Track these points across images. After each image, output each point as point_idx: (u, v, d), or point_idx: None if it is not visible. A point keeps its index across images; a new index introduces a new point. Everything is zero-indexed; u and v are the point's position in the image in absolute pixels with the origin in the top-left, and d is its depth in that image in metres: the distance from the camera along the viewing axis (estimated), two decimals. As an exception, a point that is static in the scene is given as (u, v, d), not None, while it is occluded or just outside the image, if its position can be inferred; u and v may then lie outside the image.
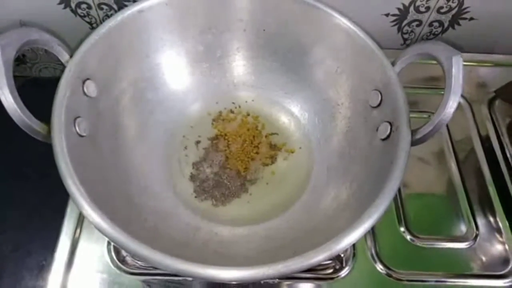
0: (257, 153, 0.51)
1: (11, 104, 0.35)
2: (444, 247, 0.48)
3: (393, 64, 0.44)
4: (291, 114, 0.54)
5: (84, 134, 0.41)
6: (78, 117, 0.41)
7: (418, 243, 0.48)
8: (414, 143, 0.39)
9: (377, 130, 0.44)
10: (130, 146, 0.47)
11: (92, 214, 0.34)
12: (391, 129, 0.41)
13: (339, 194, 0.45)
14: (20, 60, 0.64)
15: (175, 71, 0.52)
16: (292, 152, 0.51)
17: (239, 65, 0.54)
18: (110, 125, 0.46)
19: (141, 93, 0.50)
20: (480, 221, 0.50)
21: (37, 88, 0.39)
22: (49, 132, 0.37)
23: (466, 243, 0.48)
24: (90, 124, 0.42)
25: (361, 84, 0.47)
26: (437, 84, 0.60)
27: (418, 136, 0.39)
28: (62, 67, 0.42)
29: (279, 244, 0.43)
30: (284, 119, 0.54)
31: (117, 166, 0.44)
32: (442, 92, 0.38)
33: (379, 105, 0.45)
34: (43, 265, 0.47)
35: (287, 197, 0.48)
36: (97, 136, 0.43)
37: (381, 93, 0.44)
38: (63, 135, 0.37)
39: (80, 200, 0.34)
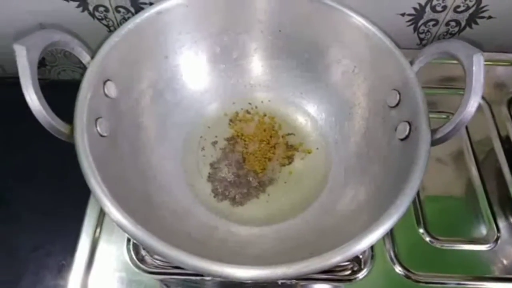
0: (274, 153, 0.51)
1: (37, 105, 0.36)
2: (464, 249, 0.47)
3: (411, 63, 0.43)
4: (307, 114, 0.54)
5: (105, 134, 0.42)
6: (100, 117, 0.41)
7: (437, 244, 0.47)
8: (434, 143, 0.39)
9: (395, 130, 0.44)
10: (149, 147, 0.48)
11: (113, 211, 0.34)
12: (410, 129, 0.41)
13: (357, 195, 0.45)
14: (39, 63, 0.65)
15: (193, 72, 0.52)
16: (309, 153, 0.51)
17: (256, 66, 0.54)
18: (130, 126, 0.46)
19: (160, 94, 0.51)
20: (502, 223, 0.49)
21: (56, 90, 0.40)
22: (72, 132, 0.38)
23: (487, 245, 0.48)
24: (111, 124, 0.43)
25: (379, 84, 0.47)
26: (455, 84, 0.60)
27: (438, 135, 0.39)
28: (80, 69, 0.43)
29: (296, 244, 0.43)
30: (301, 119, 0.54)
31: (137, 165, 0.45)
32: (461, 93, 0.38)
33: (397, 104, 0.44)
34: (63, 265, 0.48)
35: (305, 198, 0.48)
36: (118, 136, 0.44)
37: (399, 93, 0.44)
38: (85, 135, 0.38)
39: (102, 197, 0.35)
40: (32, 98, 0.35)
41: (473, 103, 0.37)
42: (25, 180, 0.54)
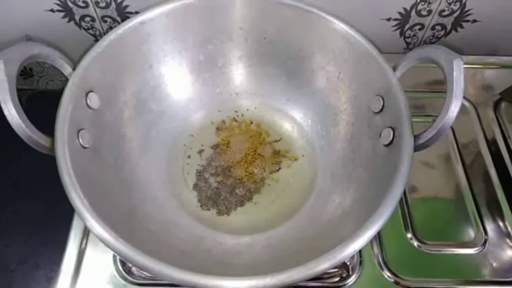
0: (261, 161, 0.51)
1: (16, 119, 0.35)
2: (453, 253, 0.47)
3: (394, 69, 0.43)
4: (294, 121, 0.54)
5: (87, 146, 0.41)
6: (82, 129, 0.41)
7: (426, 249, 0.47)
8: (417, 148, 0.39)
9: (380, 135, 0.43)
10: (133, 157, 0.48)
11: (96, 226, 0.34)
12: (393, 134, 0.41)
13: (343, 201, 0.45)
14: (27, 74, 0.65)
15: (177, 81, 0.52)
16: (296, 160, 0.51)
17: (241, 74, 0.54)
18: (114, 136, 0.46)
19: (144, 104, 0.50)
20: (489, 225, 0.49)
21: (45, 100, 0.40)
22: (53, 145, 0.38)
23: (475, 248, 0.48)
24: (94, 135, 0.43)
25: (363, 90, 0.47)
26: (443, 87, 0.59)
27: (421, 141, 0.39)
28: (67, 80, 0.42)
29: (283, 253, 0.43)
30: (287, 126, 0.53)
31: (121, 177, 0.45)
32: (447, 96, 0.38)
33: (381, 110, 0.44)
34: (51, 277, 0.48)
35: (292, 205, 0.48)
36: (101, 148, 0.44)
37: (383, 99, 0.44)
38: (66, 147, 0.38)
39: (84, 212, 0.34)
40: (11, 112, 0.35)
41: (454, 108, 0.37)
42: (10, 193, 0.54)
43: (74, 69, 0.42)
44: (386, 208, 0.35)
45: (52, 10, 0.54)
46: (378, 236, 0.47)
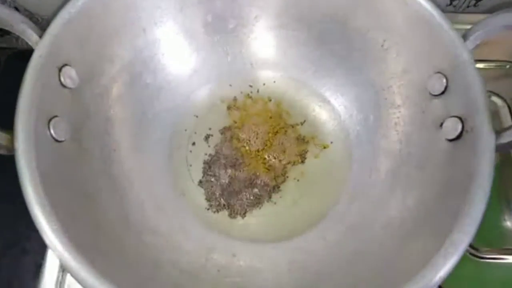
0: (281, 149, 0.41)
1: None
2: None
3: (464, 38, 0.33)
4: (322, 98, 0.43)
5: (62, 139, 0.32)
6: (54, 116, 0.32)
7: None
8: (499, 148, 0.29)
9: (441, 126, 0.34)
10: (125, 147, 0.38)
11: (69, 260, 0.25)
12: (462, 127, 0.31)
13: (387, 207, 0.36)
14: (4, 30, 0.54)
15: (178, 48, 0.42)
16: (325, 148, 0.42)
17: (258, 38, 0.43)
18: (99, 122, 0.37)
19: (138, 79, 0.40)
20: None
21: (26, 61, 0.32)
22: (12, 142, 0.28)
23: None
24: (72, 124, 0.33)
25: (417, 63, 0.37)
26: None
27: (504, 139, 0.29)
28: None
29: (313, 270, 0.34)
30: (313, 105, 0.43)
31: (109, 174, 0.36)
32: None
33: (442, 93, 0.34)
34: (40, 264, 0.41)
35: (320, 206, 0.39)
36: (82, 139, 0.34)
37: (446, 78, 0.34)
38: (31, 143, 0.29)
39: (53, 242, 0.26)
40: None
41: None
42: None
43: (41, 36, 0.32)
44: (462, 235, 0.26)
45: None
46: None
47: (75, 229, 0.27)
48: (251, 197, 0.39)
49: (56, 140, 0.31)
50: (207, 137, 0.42)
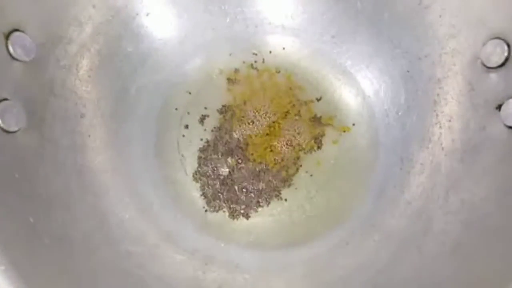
0: (293, 132, 0.34)
1: None
2: None
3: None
4: (343, 70, 0.36)
5: (15, 129, 0.25)
6: (3, 99, 0.25)
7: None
8: None
9: (498, 108, 0.27)
10: (101, 132, 0.31)
11: None
12: (533, 113, 0.24)
13: (425, 208, 0.29)
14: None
15: (165, 7, 0.34)
16: (345, 131, 0.35)
17: (264, -6, 0.35)
18: (67, 104, 0.29)
19: (115, 46, 0.33)
20: None
21: None
22: None
23: None
24: (28, 108, 0.26)
25: (467, 25, 0.29)
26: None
27: None
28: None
29: (334, 282, 0.28)
30: (331, 77, 0.36)
31: (80, 171, 0.29)
32: None
33: (502, 65, 0.27)
34: None
35: (341, 204, 0.32)
36: (43, 127, 0.27)
37: (508, 45, 0.26)
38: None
39: None
40: None
41: None
42: None
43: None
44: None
45: None
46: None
47: (30, 261, 0.20)
48: (256, 193, 0.32)
49: (6, 131, 0.24)
50: (202, 118, 0.35)
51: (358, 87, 0.35)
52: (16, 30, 0.26)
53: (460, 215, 0.27)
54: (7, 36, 0.25)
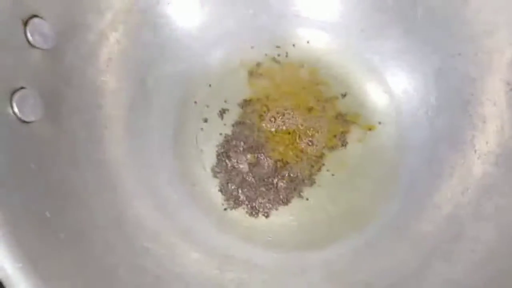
0: (316, 130, 0.33)
1: None
2: None
3: None
4: (370, 66, 0.34)
5: (32, 119, 0.24)
6: (20, 88, 0.24)
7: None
8: None
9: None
10: (119, 126, 0.30)
11: None
12: None
13: (456, 212, 0.28)
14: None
15: (186, -5, 0.33)
16: (371, 129, 0.33)
17: (289, -16, 0.34)
18: (85, 94, 0.29)
19: (135, 35, 0.32)
20: None
21: None
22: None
23: None
24: (46, 97, 0.25)
25: (505, 23, 0.27)
26: None
27: None
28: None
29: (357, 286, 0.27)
30: (358, 74, 0.34)
31: (98, 164, 0.28)
32: None
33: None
34: None
35: (365, 205, 0.31)
36: (61, 117, 0.26)
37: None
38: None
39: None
40: None
41: None
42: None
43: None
44: None
45: None
46: None
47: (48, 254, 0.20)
48: (277, 191, 0.31)
49: (23, 121, 0.23)
50: (222, 112, 0.34)
51: (386, 84, 0.34)
52: (35, 16, 0.25)
53: (494, 222, 0.26)
54: (25, 23, 0.24)
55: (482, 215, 0.26)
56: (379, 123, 0.33)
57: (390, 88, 0.33)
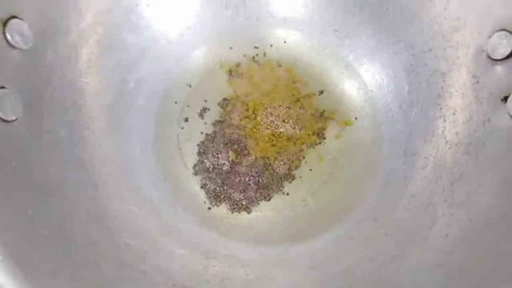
0: (295, 127, 0.34)
1: None
2: None
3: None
4: (344, 63, 0.35)
5: (12, 118, 0.24)
6: (1, 87, 0.24)
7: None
8: None
9: (504, 100, 0.26)
10: (100, 126, 0.30)
11: None
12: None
13: (431, 202, 0.29)
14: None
15: (165, -3, 0.33)
16: (347, 125, 0.34)
17: (265, -14, 0.35)
18: (65, 94, 0.29)
19: (115, 36, 0.32)
20: None
21: None
22: None
23: None
24: (26, 96, 0.25)
25: (471, 17, 0.29)
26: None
27: None
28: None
29: (339, 278, 0.28)
30: (334, 71, 0.35)
31: (79, 163, 0.28)
32: None
33: (508, 57, 0.27)
34: None
35: (344, 198, 0.32)
36: (42, 116, 0.27)
37: (514, 36, 0.26)
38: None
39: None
40: None
41: None
42: None
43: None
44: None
45: None
46: None
47: (29, 252, 0.20)
48: (258, 187, 0.32)
49: (3, 120, 0.24)
50: (202, 112, 0.34)
51: (361, 80, 0.35)
52: (14, 17, 0.25)
53: (465, 207, 0.27)
54: (4, 23, 0.25)
55: (455, 202, 0.27)
56: (356, 118, 0.34)
57: (365, 84, 0.35)
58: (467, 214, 0.26)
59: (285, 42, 0.36)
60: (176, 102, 0.34)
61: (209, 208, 0.31)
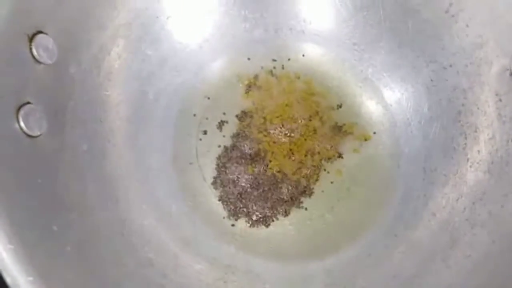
0: (313, 141, 0.34)
1: None
2: None
3: None
4: (363, 77, 0.35)
5: (37, 133, 0.24)
6: (26, 103, 0.24)
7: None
8: None
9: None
10: (121, 139, 0.31)
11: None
12: None
13: (451, 220, 0.29)
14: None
15: (185, 10, 0.33)
16: (366, 140, 0.34)
17: (284, -1, 0.35)
18: (87, 107, 0.29)
19: (135, 49, 0.32)
20: None
21: None
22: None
23: None
24: (50, 112, 0.25)
25: (494, 35, 0.28)
26: None
27: None
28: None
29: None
30: (353, 86, 0.35)
31: (100, 176, 0.28)
32: None
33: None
34: None
35: (362, 213, 0.32)
36: (64, 131, 0.27)
37: (540, 56, 0.26)
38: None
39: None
40: None
41: None
42: None
43: (2, -8, 0.24)
44: None
45: None
46: None
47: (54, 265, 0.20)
48: (276, 202, 0.32)
49: (28, 135, 0.24)
50: (221, 124, 0.34)
51: (380, 95, 0.35)
52: (40, 32, 0.25)
53: (488, 228, 0.26)
54: (31, 39, 0.25)
55: (476, 222, 0.27)
56: (374, 133, 0.34)
57: (384, 99, 0.35)
58: (489, 235, 0.26)
59: (303, 55, 0.36)
60: (194, 115, 0.34)
61: (225, 219, 0.31)
